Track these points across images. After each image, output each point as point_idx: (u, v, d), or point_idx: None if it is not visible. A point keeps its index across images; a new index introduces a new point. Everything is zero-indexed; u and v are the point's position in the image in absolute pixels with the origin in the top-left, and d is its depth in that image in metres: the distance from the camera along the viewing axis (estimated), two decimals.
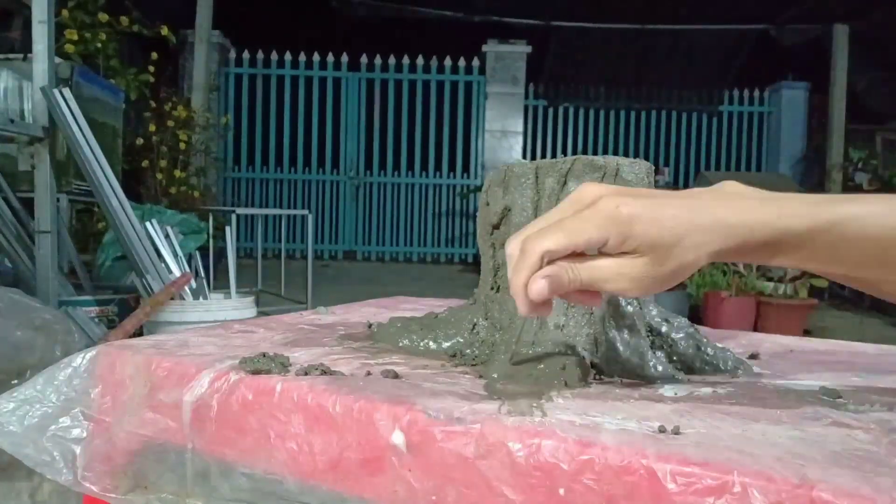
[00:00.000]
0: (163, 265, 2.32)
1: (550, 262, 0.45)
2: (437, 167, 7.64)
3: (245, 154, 7.50)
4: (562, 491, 0.39)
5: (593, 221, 0.43)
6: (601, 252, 0.45)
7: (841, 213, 0.44)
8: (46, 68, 2.27)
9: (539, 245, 0.44)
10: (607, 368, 0.58)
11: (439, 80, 7.53)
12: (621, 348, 0.59)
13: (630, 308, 0.61)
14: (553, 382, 0.54)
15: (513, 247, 0.47)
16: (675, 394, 0.53)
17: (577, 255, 0.45)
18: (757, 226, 0.43)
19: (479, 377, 0.57)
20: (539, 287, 0.44)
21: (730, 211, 0.44)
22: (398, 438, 0.45)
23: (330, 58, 7.43)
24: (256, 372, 0.54)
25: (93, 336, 2.06)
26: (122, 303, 2.44)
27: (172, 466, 0.56)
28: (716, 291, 3.99)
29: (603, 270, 0.45)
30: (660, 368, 0.58)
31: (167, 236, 2.41)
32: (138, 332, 2.04)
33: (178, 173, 5.60)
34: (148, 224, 2.37)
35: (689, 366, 0.62)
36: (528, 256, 0.45)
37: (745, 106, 7.88)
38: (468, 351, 0.64)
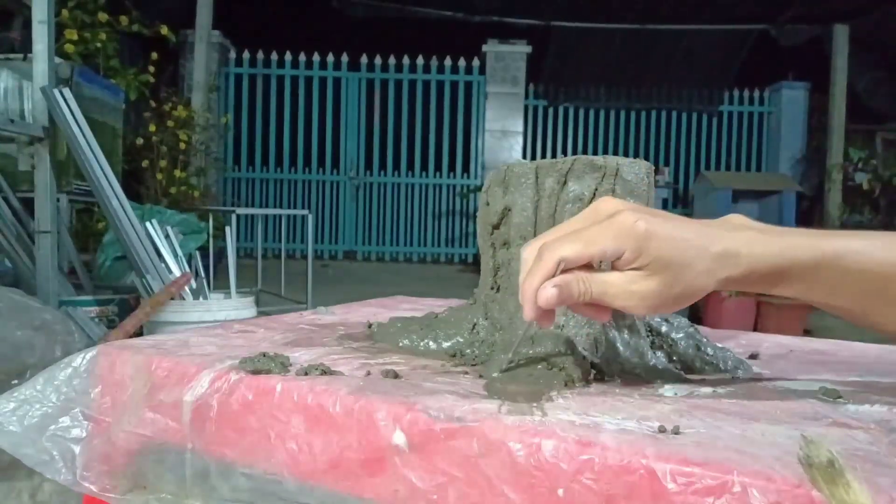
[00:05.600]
0: (163, 265, 2.32)
1: (564, 271, 0.45)
2: (437, 167, 7.64)
3: (245, 154, 7.50)
4: (561, 491, 0.39)
5: (610, 233, 0.44)
6: (613, 266, 0.46)
7: (844, 247, 0.45)
8: (46, 68, 2.28)
9: (555, 252, 0.45)
10: (607, 368, 0.58)
11: (439, 80, 7.54)
12: (621, 348, 0.59)
13: None
14: (553, 382, 0.54)
15: (529, 251, 0.48)
16: (675, 394, 0.52)
17: (588, 269, 0.46)
18: (764, 256, 0.45)
19: (479, 377, 0.57)
20: (549, 294, 0.45)
21: (739, 241, 0.45)
22: (399, 438, 0.45)
23: (330, 58, 7.43)
24: (256, 372, 0.54)
25: (93, 336, 2.06)
26: (122, 303, 2.44)
27: (172, 466, 0.56)
28: (716, 291, 3.98)
29: (614, 286, 0.45)
30: (660, 368, 0.58)
31: (167, 236, 2.41)
32: (138, 332, 2.04)
33: (178, 173, 5.60)
34: (148, 224, 2.37)
35: (689, 366, 0.62)
36: (543, 262, 0.46)
37: (745, 106, 7.88)
38: (468, 351, 0.64)
